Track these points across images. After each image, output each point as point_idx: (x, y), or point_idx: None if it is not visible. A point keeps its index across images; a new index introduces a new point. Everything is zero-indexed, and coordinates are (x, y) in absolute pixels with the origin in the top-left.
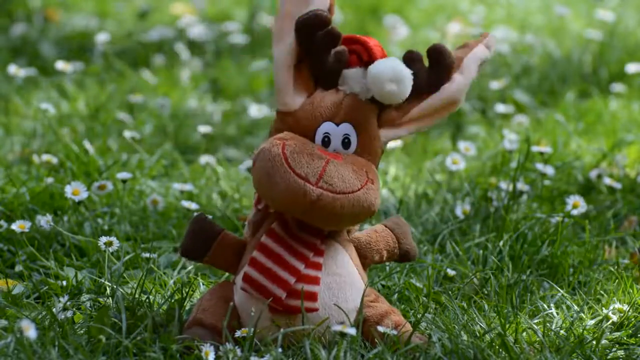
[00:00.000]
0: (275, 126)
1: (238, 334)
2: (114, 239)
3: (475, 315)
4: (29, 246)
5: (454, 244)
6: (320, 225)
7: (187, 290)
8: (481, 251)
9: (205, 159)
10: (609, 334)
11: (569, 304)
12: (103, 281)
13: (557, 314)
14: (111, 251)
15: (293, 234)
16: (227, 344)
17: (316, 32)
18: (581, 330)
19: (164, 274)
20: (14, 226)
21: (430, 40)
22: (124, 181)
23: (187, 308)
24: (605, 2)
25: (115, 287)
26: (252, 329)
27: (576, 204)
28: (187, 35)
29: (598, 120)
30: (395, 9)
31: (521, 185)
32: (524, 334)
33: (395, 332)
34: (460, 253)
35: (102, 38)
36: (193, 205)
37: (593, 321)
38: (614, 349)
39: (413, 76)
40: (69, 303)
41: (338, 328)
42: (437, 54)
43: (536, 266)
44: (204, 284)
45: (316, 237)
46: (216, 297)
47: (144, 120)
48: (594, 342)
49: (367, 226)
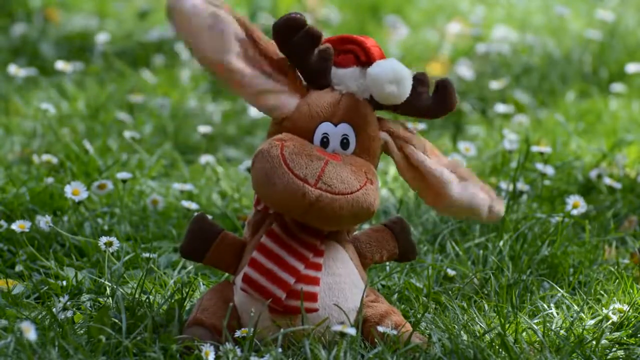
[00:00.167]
0: (271, 130)
1: (238, 334)
2: (114, 239)
3: (475, 315)
4: (29, 246)
5: (454, 244)
6: (320, 226)
7: (187, 290)
8: (481, 251)
9: (205, 159)
10: (608, 334)
11: (569, 304)
12: (103, 281)
13: (557, 314)
14: (111, 251)
15: (293, 235)
16: (227, 344)
17: (293, 34)
18: (581, 330)
19: (164, 274)
20: (14, 226)
21: (430, 40)
22: (124, 181)
23: (187, 308)
24: (605, 2)
25: (115, 287)
26: (252, 329)
27: (576, 204)
28: None
29: (598, 120)
30: (395, 9)
31: (521, 185)
32: (524, 334)
33: (395, 332)
34: (460, 253)
35: (102, 38)
36: (193, 205)
37: (593, 321)
38: (613, 349)
39: (415, 98)
40: (69, 303)
41: (338, 328)
42: (443, 88)
43: (536, 266)
44: (204, 284)
45: (316, 238)
46: (216, 297)
47: (143, 120)
48: (594, 342)
49: (367, 226)
